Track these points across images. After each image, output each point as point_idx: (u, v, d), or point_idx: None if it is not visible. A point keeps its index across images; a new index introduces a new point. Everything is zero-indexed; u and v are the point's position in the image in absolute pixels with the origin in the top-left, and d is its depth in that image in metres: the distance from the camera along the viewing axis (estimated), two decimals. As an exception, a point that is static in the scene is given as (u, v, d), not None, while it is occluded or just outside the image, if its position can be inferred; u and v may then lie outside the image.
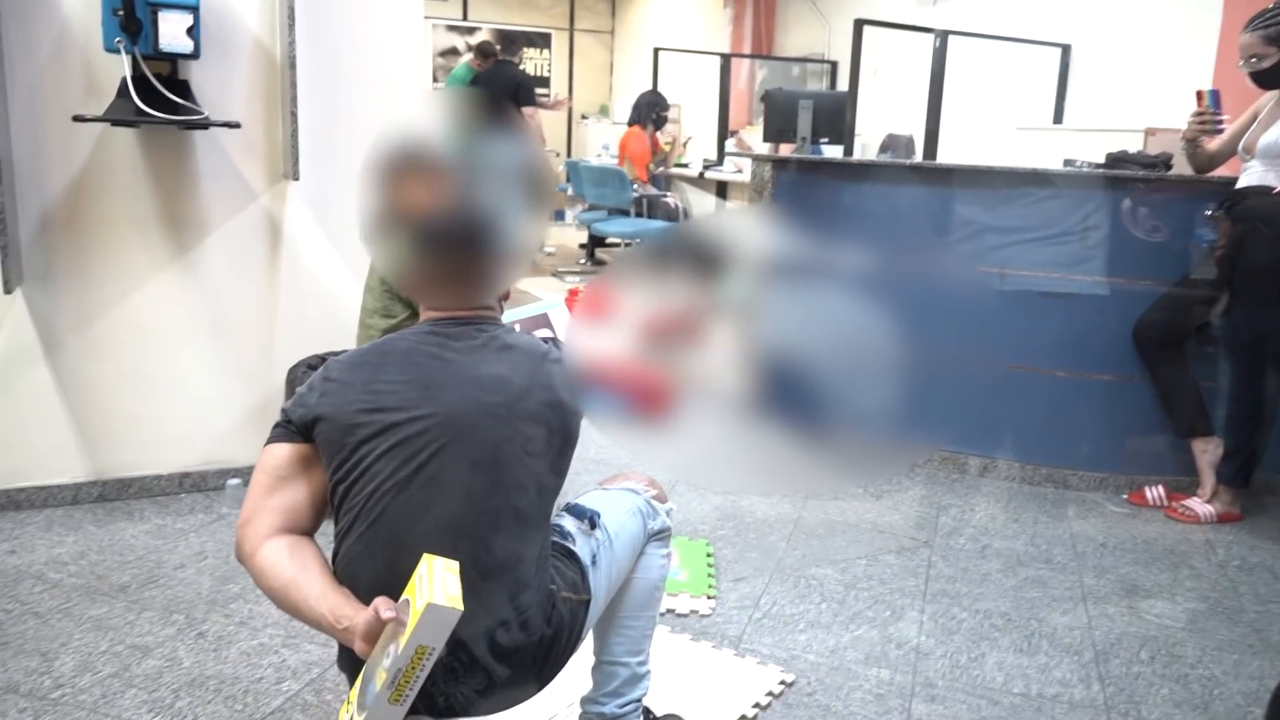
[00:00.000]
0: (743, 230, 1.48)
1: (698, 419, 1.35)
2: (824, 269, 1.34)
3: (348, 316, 3.18)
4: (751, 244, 1.36)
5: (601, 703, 1.71)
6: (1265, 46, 2.96)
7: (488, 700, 1.39)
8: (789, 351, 1.39)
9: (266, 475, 1.39)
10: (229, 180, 2.96)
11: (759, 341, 1.40)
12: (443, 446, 1.35)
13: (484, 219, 1.36)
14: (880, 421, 1.37)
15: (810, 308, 1.42)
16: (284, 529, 1.37)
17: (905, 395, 1.35)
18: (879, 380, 1.34)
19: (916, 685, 2.14)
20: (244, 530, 1.36)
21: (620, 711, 1.70)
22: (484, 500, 1.37)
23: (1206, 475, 3.20)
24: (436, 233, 1.34)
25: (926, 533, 2.96)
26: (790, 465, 2.71)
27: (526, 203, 1.40)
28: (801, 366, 1.32)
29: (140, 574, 2.52)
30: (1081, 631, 2.41)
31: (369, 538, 1.35)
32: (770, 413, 1.36)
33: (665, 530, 1.75)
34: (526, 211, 1.41)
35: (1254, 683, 2.21)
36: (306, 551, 1.36)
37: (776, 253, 1.37)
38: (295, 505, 1.39)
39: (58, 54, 2.69)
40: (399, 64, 3.14)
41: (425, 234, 1.35)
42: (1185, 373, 3.20)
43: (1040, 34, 6.07)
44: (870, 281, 3.34)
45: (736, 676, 2.13)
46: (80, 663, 2.10)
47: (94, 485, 2.95)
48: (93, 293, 2.86)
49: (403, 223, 1.36)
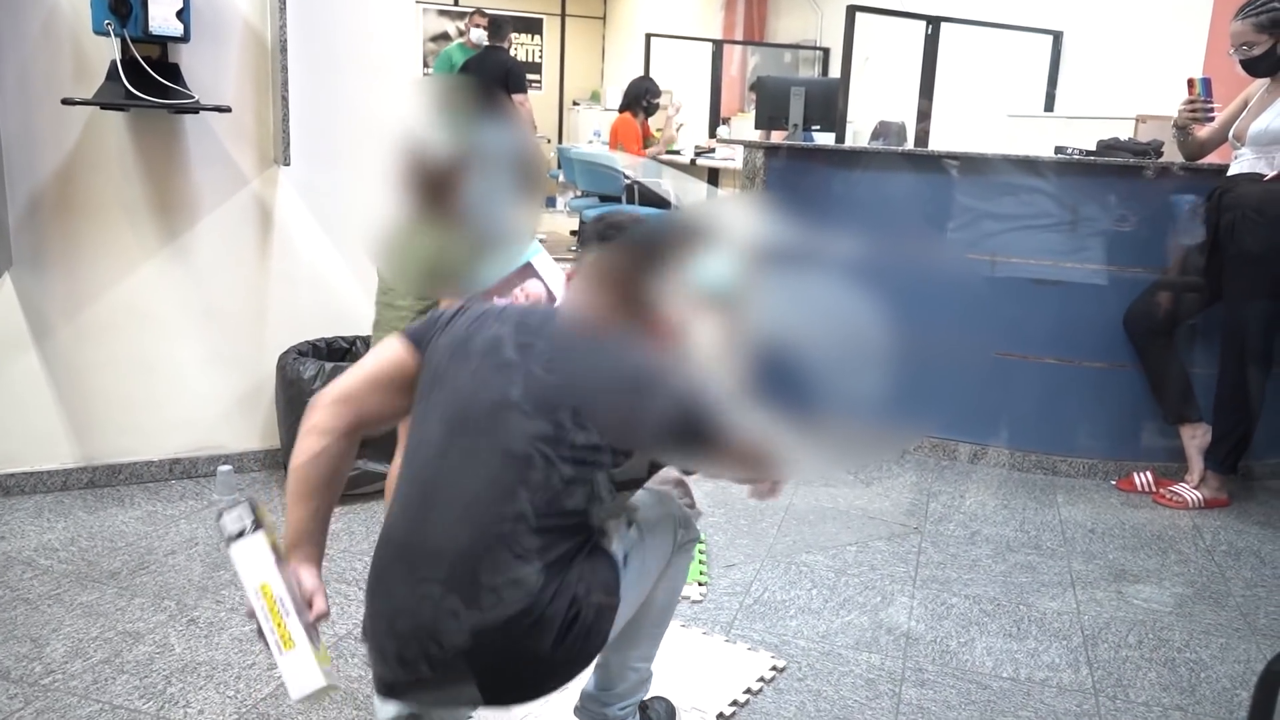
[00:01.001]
0: (733, 217, 1.47)
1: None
2: (814, 256, 1.34)
3: (339, 302, 3.18)
4: (742, 230, 1.35)
5: (606, 703, 1.69)
6: (1256, 34, 2.97)
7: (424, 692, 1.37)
8: (778, 338, 1.39)
9: (374, 364, 1.45)
10: (219, 165, 2.94)
11: (749, 328, 1.40)
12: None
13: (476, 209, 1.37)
14: (870, 408, 1.37)
15: (799, 294, 1.41)
16: (355, 427, 1.41)
17: (895, 382, 1.35)
18: (868, 366, 1.34)
19: (907, 670, 2.16)
20: (324, 408, 1.40)
21: (622, 714, 1.70)
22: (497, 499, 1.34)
23: (1195, 461, 3.22)
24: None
25: (917, 519, 2.98)
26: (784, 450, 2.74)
27: (518, 190, 1.40)
28: (790, 353, 1.32)
29: (131, 560, 2.52)
30: (1070, 616, 2.43)
31: (403, 480, 1.41)
32: (760, 399, 1.36)
33: (693, 540, 1.69)
34: (519, 198, 1.41)
35: (1240, 666, 2.23)
36: (331, 486, 1.41)
37: (767, 239, 1.36)
38: (379, 408, 1.44)
39: (46, 36, 2.67)
40: (390, 49, 3.12)
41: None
42: (1174, 360, 3.22)
43: (1032, 21, 6.07)
44: (861, 268, 3.34)
45: (727, 662, 2.14)
46: (71, 649, 2.10)
47: (84, 471, 2.94)
48: (83, 277, 2.84)
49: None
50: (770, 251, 1.31)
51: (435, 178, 1.37)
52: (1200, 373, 3.20)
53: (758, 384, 1.39)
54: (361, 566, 2.54)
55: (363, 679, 2.03)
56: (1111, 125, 4.02)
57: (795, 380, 1.14)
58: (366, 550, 2.64)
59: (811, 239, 1.43)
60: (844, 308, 1.39)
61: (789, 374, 1.14)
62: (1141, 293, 3.24)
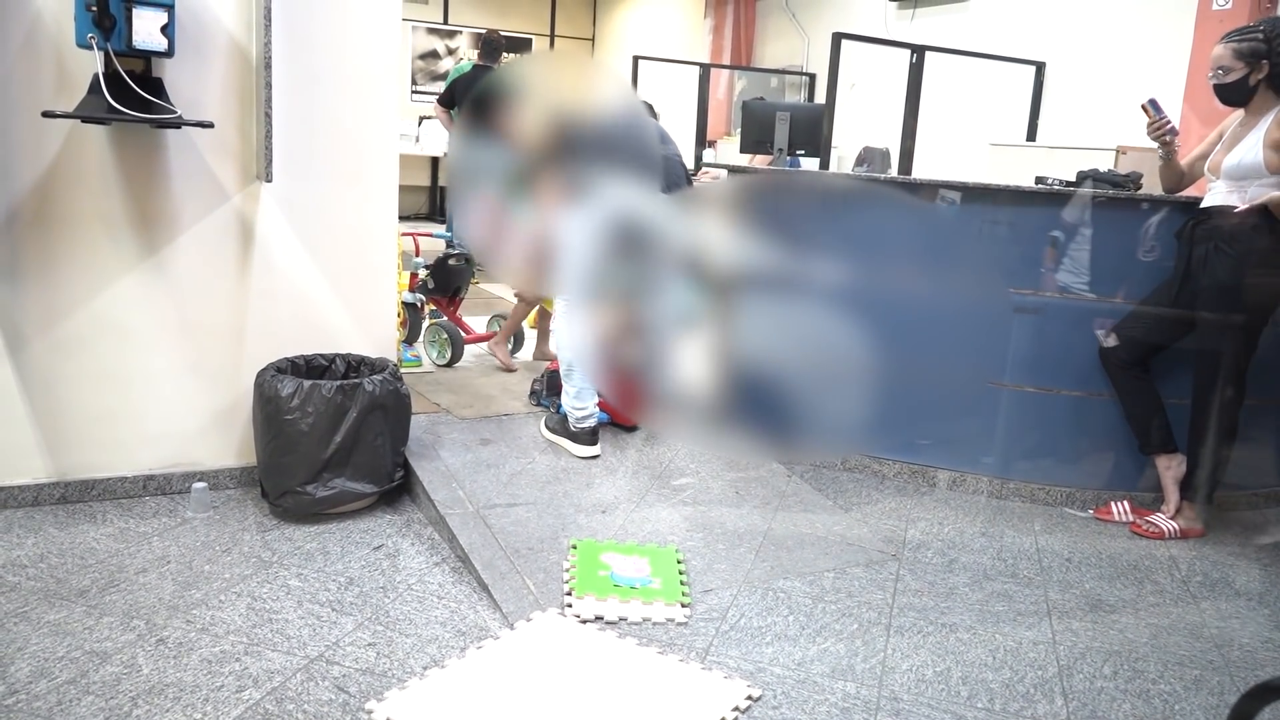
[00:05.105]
0: (717, 241, 1.49)
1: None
2: (796, 281, 1.36)
3: (319, 319, 3.17)
4: (725, 254, 1.36)
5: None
6: (1234, 60, 2.99)
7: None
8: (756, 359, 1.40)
9: None
10: (201, 180, 2.93)
11: (726, 348, 1.41)
12: None
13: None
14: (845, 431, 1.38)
15: (781, 320, 1.43)
16: None
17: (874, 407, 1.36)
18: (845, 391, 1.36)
19: (882, 699, 2.15)
20: None
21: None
22: None
23: (1171, 491, 3.23)
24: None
25: (895, 546, 2.98)
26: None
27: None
28: (768, 374, 1.33)
29: (101, 578, 2.49)
30: (1046, 646, 2.43)
31: None
32: (735, 416, 1.37)
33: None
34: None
35: (1214, 698, 2.23)
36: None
37: (750, 263, 1.38)
38: None
39: (29, 48, 2.66)
40: (377, 67, 3.12)
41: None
42: (1150, 390, 3.23)
43: (1015, 51, 6.14)
44: (842, 295, 3.39)
45: (703, 691, 2.13)
46: (36, 668, 2.07)
47: (56, 486, 2.91)
48: (60, 290, 2.82)
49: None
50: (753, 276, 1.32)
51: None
52: (1175, 403, 3.22)
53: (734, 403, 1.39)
54: (336, 587, 2.51)
55: (331, 702, 2.01)
56: (1092, 156, 4.06)
57: (771, 402, 1.14)
58: (342, 570, 2.61)
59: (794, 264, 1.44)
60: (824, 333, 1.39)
61: (765, 396, 1.14)
62: (1117, 323, 3.26)
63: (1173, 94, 4.99)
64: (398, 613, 2.42)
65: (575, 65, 3.96)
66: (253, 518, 2.92)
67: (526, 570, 2.59)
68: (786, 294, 1.28)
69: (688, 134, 8.40)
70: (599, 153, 2.91)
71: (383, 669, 2.15)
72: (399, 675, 2.13)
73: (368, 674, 2.13)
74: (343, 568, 2.64)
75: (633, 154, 3.01)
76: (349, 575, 2.60)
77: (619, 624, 2.39)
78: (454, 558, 2.73)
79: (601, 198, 2.80)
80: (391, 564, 2.68)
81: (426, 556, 2.74)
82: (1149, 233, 3.27)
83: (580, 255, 2.97)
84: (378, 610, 2.42)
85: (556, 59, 3.44)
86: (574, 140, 2.88)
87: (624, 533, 2.87)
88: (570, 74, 3.12)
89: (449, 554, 2.76)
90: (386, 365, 3.10)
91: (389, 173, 3.21)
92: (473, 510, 2.90)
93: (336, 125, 3.08)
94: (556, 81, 2.85)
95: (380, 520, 2.97)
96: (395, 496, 3.12)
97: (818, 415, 1.27)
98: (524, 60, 6.99)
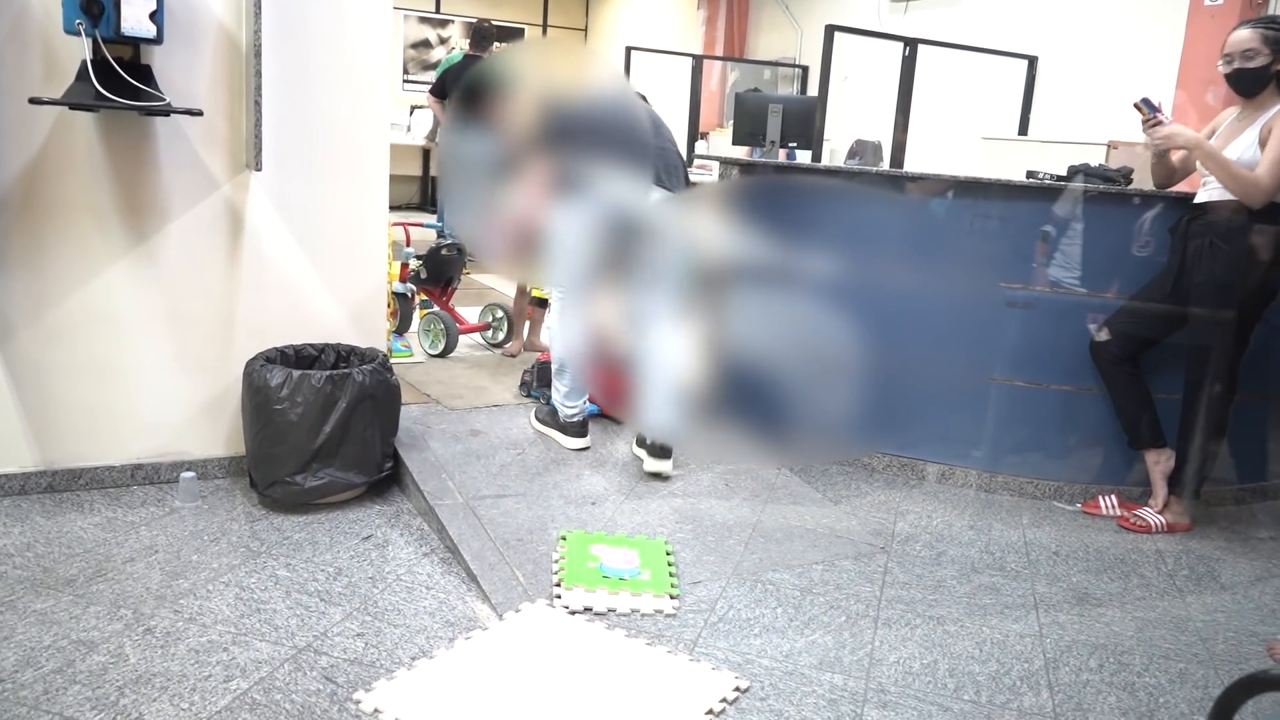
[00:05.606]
0: (707, 232, 1.48)
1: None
2: (786, 273, 1.35)
3: (308, 309, 3.16)
4: (716, 246, 1.36)
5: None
6: (1261, 44, 2.90)
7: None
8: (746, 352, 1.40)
9: None
10: (190, 169, 2.91)
11: (718, 340, 1.41)
12: None
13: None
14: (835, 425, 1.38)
15: (770, 312, 1.43)
16: None
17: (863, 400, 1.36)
18: (834, 384, 1.36)
19: (869, 691, 2.16)
20: None
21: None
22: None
23: (1159, 486, 3.25)
24: None
25: (883, 539, 2.98)
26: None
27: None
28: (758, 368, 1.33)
29: (88, 567, 2.48)
30: (1032, 639, 2.44)
31: None
32: (725, 410, 1.37)
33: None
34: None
35: (1199, 691, 2.25)
36: None
37: (740, 256, 1.37)
38: None
39: (15, 34, 2.63)
40: (367, 55, 3.11)
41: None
42: (1139, 385, 3.24)
43: (1008, 45, 6.14)
44: (832, 288, 3.40)
45: (691, 682, 2.13)
46: (22, 657, 2.06)
47: (43, 475, 2.90)
48: (47, 279, 2.80)
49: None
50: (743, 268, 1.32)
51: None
52: (1165, 398, 3.24)
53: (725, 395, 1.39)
54: (324, 577, 2.51)
55: (319, 692, 2.01)
56: (1084, 150, 4.06)
57: (761, 395, 1.14)
58: (331, 560, 2.61)
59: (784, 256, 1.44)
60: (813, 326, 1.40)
61: (755, 389, 1.14)
62: (1108, 317, 3.27)
63: (1164, 89, 5.01)
64: (386, 603, 2.41)
65: (566, 52, 4.08)
66: (241, 507, 2.92)
67: (515, 561, 2.59)
68: (776, 289, 1.27)
69: (680, 125, 8.39)
70: (588, 138, 2.90)
71: (371, 659, 2.15)
72: (387, 666, 2.13)
73: (356, 664, 2.13)
74: (331, 558, 2.63)
75: (623, 139, 2.99)
76: (338, 565, 2.59)
77: (608, 615, 2.39)
78: (443, 548, 2.73)
79: (593, 188, 2.80)
80: (380, 554, 2.68)
81: (415, 547, 2.74)
82: (1143, 228, 3.27)
83: (572, 248, 2.96)
84: (366, 601, 2.42)
85: (547, 46, 3.50)
86: (563, 125, 2.87)
87: (613, 524, 2.87)
88: (561, 61, 3.14)
89: (438, 545, 2.76)
90: (376, 355, 3.10)
91: (380, 162, 3.20)
92: (462, 501, 2.90)
93: (327, 114, 3.07)
94: (547, 69, 2.87)
95: (369, 511, 2.97)
96: (384, 487, 3.11)
97: (816, 415, 1.27)
98: (514, 48, 6.98)
